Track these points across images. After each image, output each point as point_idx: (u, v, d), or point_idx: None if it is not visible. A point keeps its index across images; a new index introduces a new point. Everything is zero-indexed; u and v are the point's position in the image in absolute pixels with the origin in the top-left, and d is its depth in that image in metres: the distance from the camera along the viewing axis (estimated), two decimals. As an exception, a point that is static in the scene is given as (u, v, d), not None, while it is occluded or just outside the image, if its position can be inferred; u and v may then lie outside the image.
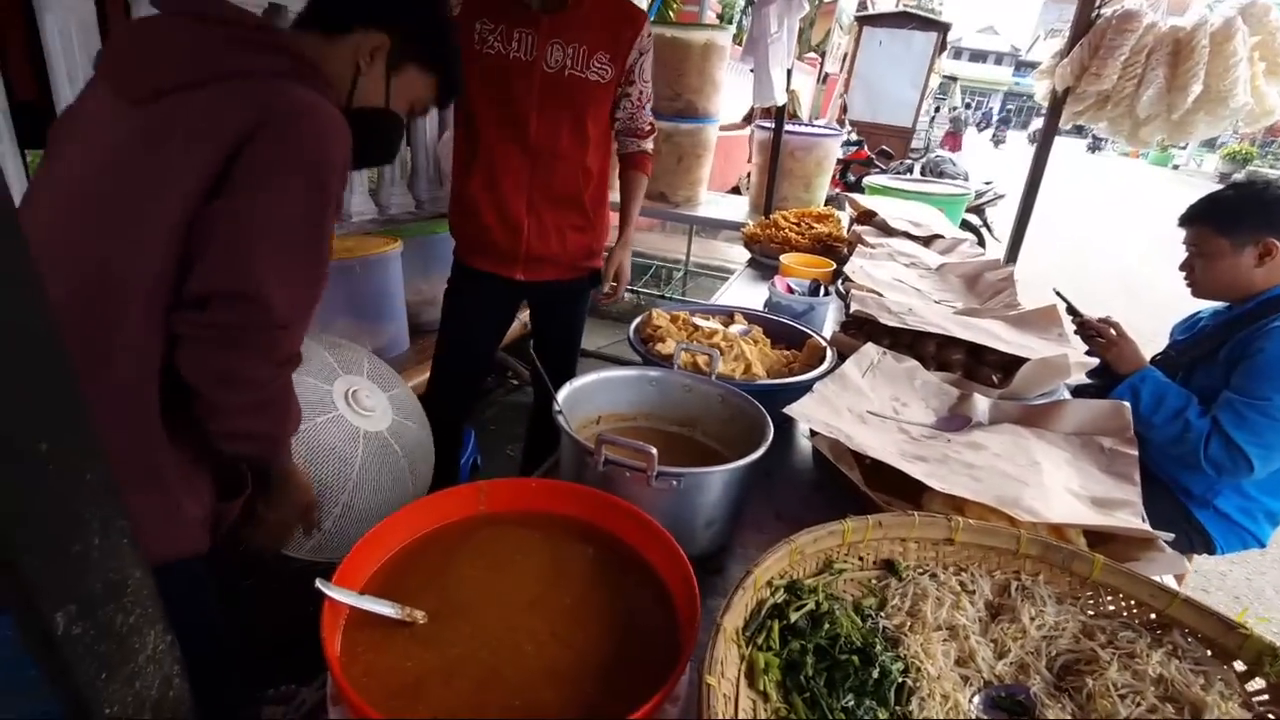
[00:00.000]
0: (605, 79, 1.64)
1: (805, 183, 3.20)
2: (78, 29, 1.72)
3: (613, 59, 1.64)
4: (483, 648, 0.60)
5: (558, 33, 1.59)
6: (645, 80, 1.74)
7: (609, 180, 1.86)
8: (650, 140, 1.85)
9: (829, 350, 1.33)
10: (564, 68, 1.61)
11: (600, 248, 1.89)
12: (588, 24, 1.60)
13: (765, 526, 1.03)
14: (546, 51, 1.60)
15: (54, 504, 0.41)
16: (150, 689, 0.50)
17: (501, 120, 1.65)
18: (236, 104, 0.80)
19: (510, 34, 1.59)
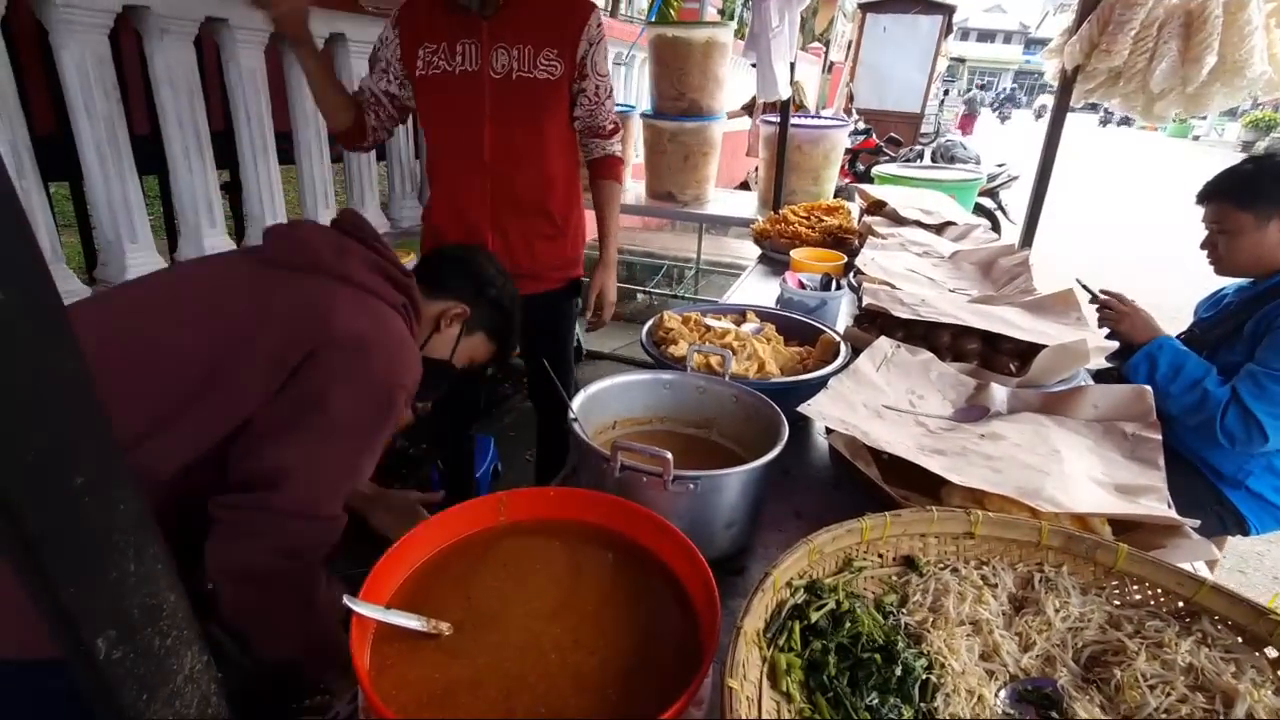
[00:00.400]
0: (555, 75, 1.57)
1: (814, 175, 3.18)
2: (94, 63, 1.77)
3: (560, 54, 1.56)
4: (508, 657, 0.61)
5: (500, 37, 1.53)
6: (601, 74, 1.64)
7: (578, 183, 1.79)
8: (617, 141, 1.76)
9: (842, 345, 1.32)
10: (511, 71, 1.55)
11: (577, 254, 1.82)
12: (530, 22, 1.54)
13: (785, 526, 1.03)
14: (492, 58, 1.54)
15: (90, 533, 0.42)
16: (189, 709, 0.52)
17: (456, 139, 1.61)
18: (347, 310, 0.89)
19: (453, 49, 1.55)
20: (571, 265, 1.81)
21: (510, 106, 1.56)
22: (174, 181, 2.10)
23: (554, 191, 1.68)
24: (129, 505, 0.44)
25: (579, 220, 1.79)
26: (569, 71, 1.59)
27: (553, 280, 1.78)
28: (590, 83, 1.63)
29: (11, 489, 0.38)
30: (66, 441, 0.40)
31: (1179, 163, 16.56)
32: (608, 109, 1.69)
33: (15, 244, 0.35)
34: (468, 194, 1.63)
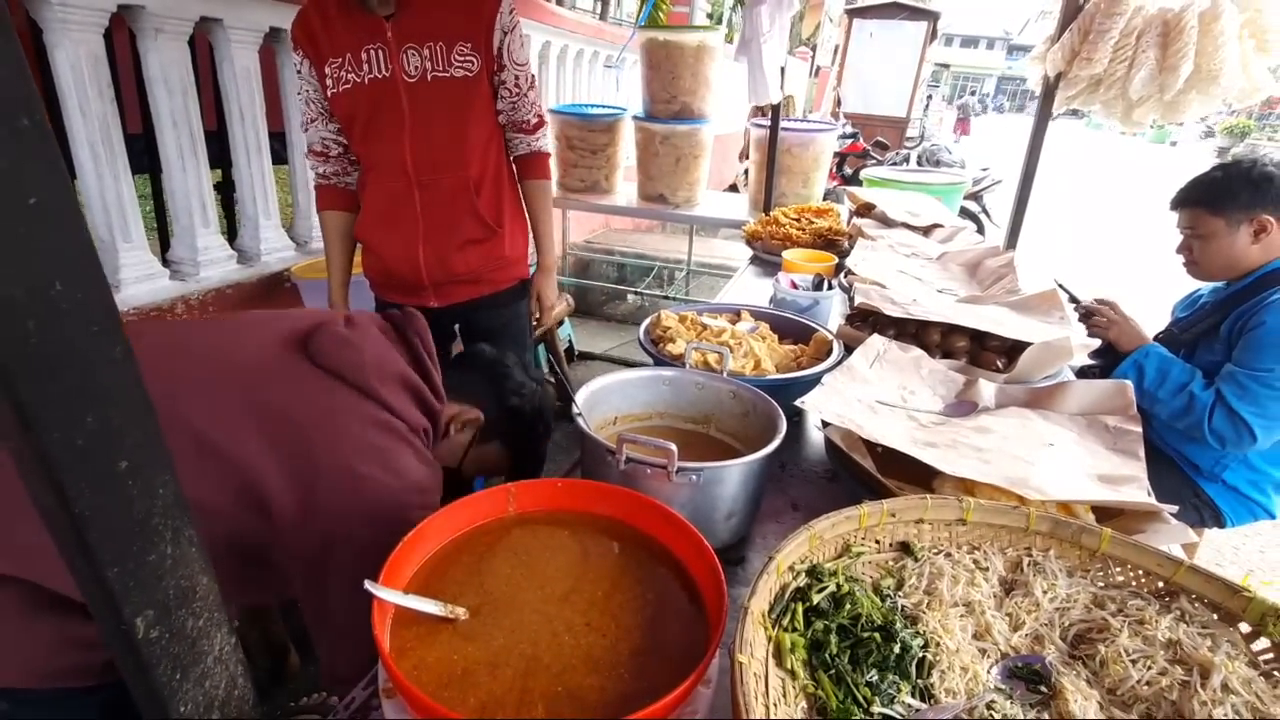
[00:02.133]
0: (474, 70, 1.46)
1: (803, 178, 3.23)
2: (88, 62, 1.77)
3: (475, 46, 1.44)
4: (523, 639, 0.63)
5: (408, 36, 1.42)
6: (519, 63, 1.53)
7: (509, 179, 1.68)
8: (542, 135, 1.66)
9: (835, 343, 1.36)
10: (425, 72, 1.44)
11: (517, 255, 1.72)
12: (438, 16, 1.42)
13: (783, 517, 1.06)
14: (403, 60, 1.43)
15: (132, 516, 0.44)
16: (218, 688, 0.53)
17: (377, 151, 1.51)
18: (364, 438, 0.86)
19: (359, 57, 1.43)
20: (512, 265, 1.72)
21: (429, 111, 1.46)
22: (167, 181, 2.10)
23: (483, 192, 1.58)
24: (167, 490, 0.46)
25: (513, 219, 1.69)
26: (487, 64, 1.48)
27: (495, 282, 1.70)
28: (509, 73, 1.52)
29: (64, 470, 0.39)
30: (114, 426, 0.42)
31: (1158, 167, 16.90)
32: (530, 100, 1.59)
33: (72, 239, 0.37)
34: (397, 206, 1.54)
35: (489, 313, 1.73)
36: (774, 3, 2.55)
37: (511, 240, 1.68)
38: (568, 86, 4.37)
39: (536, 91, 1.61)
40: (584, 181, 3.57)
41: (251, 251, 2.38)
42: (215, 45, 2.16)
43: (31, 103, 0.35)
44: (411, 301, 1.62)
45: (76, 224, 0.38)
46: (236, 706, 0.55)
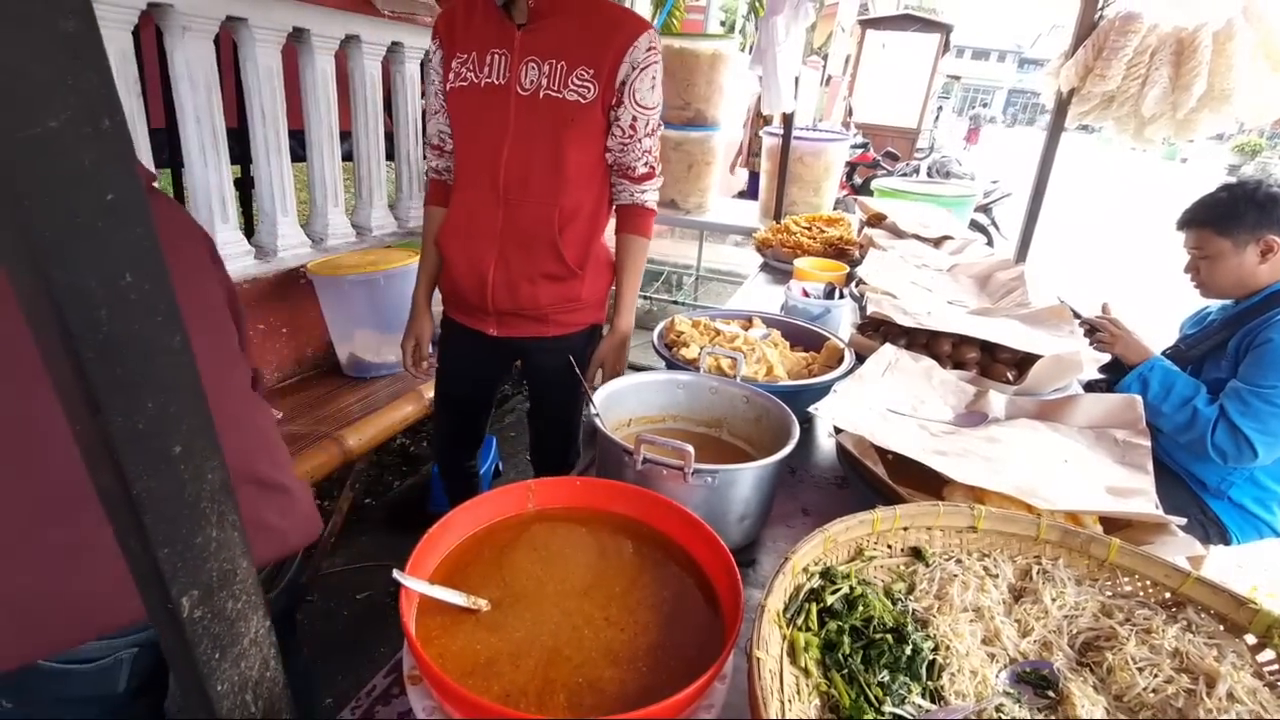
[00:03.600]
0: (587, 98, 1.37)
1: (814, 187, 3.25)
2: (118, 59, 1.80)
3: (596, 74, 1.36)
4: (544, 632, 0.65)
5: (533, 49, 1.36)
6: (643, 105, 1.41)
7: (603, 221, 1.58)
8: (649, 189, 1.52)
9: (847, 351, 1.37)
10: (539, 88, 1.37)
11: (594, 299, 1.59)
12: (570, 36, 1.36)
13: (793, 521, 1.07)
14: (521, 72, 1.37)
15: (183, 499, 0.46)
16: (252, 669, 0.55)
17: (474, 158, 1.46)
18: None
19: (483, 59, 1.39)
20: (586, 310, 1.59)
21: (533, 127, 1.39)
22: (189, 176, 2.13)
23: (570, 228, 1.47)
24: (215, 475, 0.48)
25: (599, 262, 1.57)
26: (604, 95, 1.38)
27: (564, 324, 1.57)
28: (627, 111, 1.41)
29: (124, 453, 0.42)
30: (170, 412, 0.44)
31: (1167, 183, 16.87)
32: (644, 148, 1.46)
33: (142, 234, 0.40)
34: (478, 220, 1.47)
35: (552, 355, 1.57)
36: (790, 13, 2.58)
37: (592, 284, 1.56)
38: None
39: (657, 140, 1.48)
40: (596, 185, 3.60)
41: (269, 247, 2.41)
42: (239, 44, 2.19)
43: (113, 105, 0.37)
44: (472, 324, 1.58)
45: (145, 219, 0.40)
46: (268, 688, 0.57)
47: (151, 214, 0.40)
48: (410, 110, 2.90)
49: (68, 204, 0.36)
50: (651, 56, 1.40)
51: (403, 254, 2.36)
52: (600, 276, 1.59)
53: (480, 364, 1.70)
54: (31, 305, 0.38)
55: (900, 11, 9.32)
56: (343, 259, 2.36)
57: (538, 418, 1.86)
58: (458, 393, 1.79)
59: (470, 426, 1.88)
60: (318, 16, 2.34)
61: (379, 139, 2.78)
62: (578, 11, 1.37)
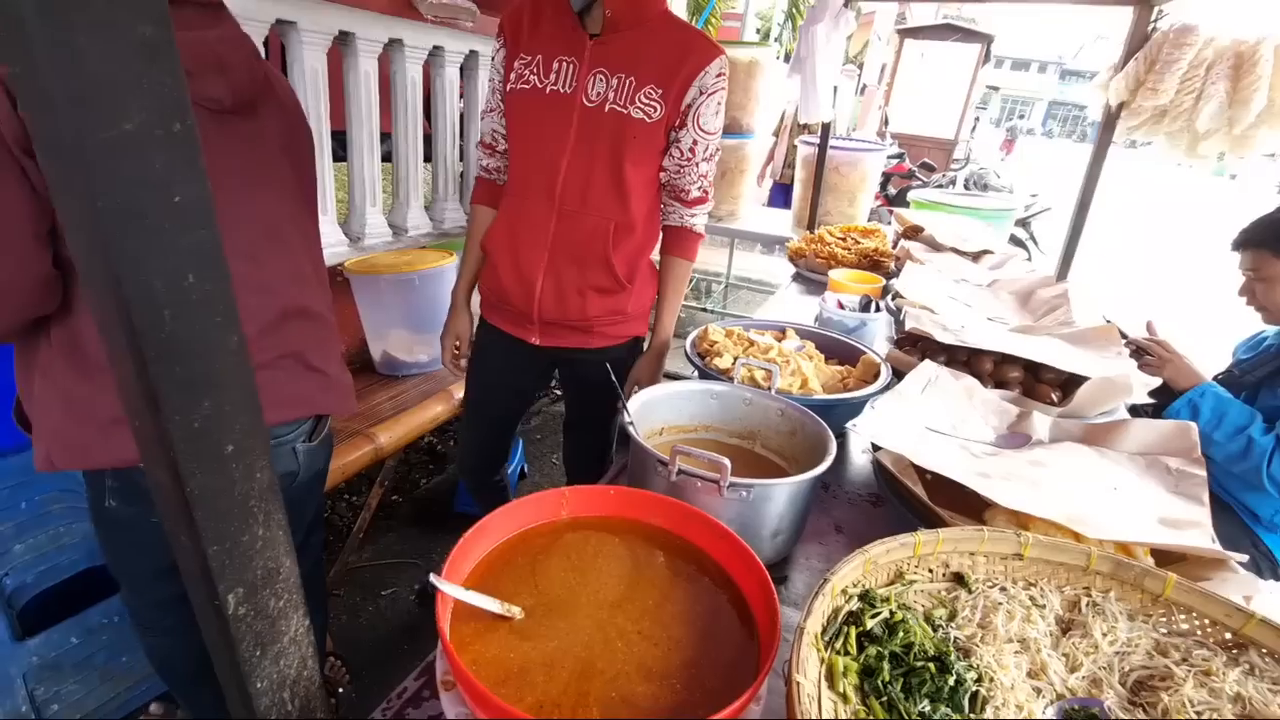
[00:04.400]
0: (653, 117, 1.35)
1: (849, 197, 3.21)
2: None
3: (665, 95, 1.34)
4: (577, 642, 0.64)
5: (603, 61, 1.34)
6: (705, 130, 1.40)
7: (654, 240, 1.58)
8: (700, 213, 1.52)
9: (883, 367, 1.35)
10: (605, 101, 1.35)
11: (639, 311, 1.58)
12: (641, 51, 1.34)
13: (826, 539, 1.05)
14: (588, 83, 1.35)
15: (233, 498, 0.47)
16: (290, 667, 0.56)
17: (531, 164, 1.44)
18: None
19: (549, 64, 1.37)
20: (630, 322, 1.58)
21: (595, 140, 1.37)
22: (235, 174, 2.19)
23: (624, 243, 1.46)
24: (264, 474, 0.48)
25: (646, 277, 1.57)
26: (669, 116, 1.36)
27: (608, 336, 1.56)
28: (688, 134, 1.39)
29: (179, 450, 0.42)
30: (225, 410, 0.44)
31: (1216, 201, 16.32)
32: (700, 172, 1.45)
33: (206, 236, 0.40)
34: (530, 228, 1.46)
35: (592, 366, 1.56)
36: (829, 22, 2.56)
37: (638, 297, 1.55)
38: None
39: (712, 166, 1.48)
40: (628, 191, 3.61)
41: (308, 245, 2.46)
42: (287, 46, 2.25)
43: (184, 108, 0.38)
44: (514, 332, 1.57)
45: (210, 222, 0.41)
46: (305, 686, 0.57)
47: (215, 218, 0.41)
48: (449, 114, 2.94)
49: (138, 205, 0.37)
50: (720, 83, 1.38)
51: (438, 255, 2.40)
52: (646, 290, 1.57)
53: (519, 373, 1.67)
54: (99, 303, 0.39)
55: (940, 21, 9.17)
56: (379, 258, 2.40)
57: (575, 428, 1.83)
58: (493, 404, 1.75)
59: (501, 441, 1.84)
60: (363, 20, 2.39)
61: (418, 141, 2.83)
62: (654, 29, 1.35)
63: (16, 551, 1.37)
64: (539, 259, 1.45)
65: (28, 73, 0.33)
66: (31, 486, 1.36)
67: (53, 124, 0.34)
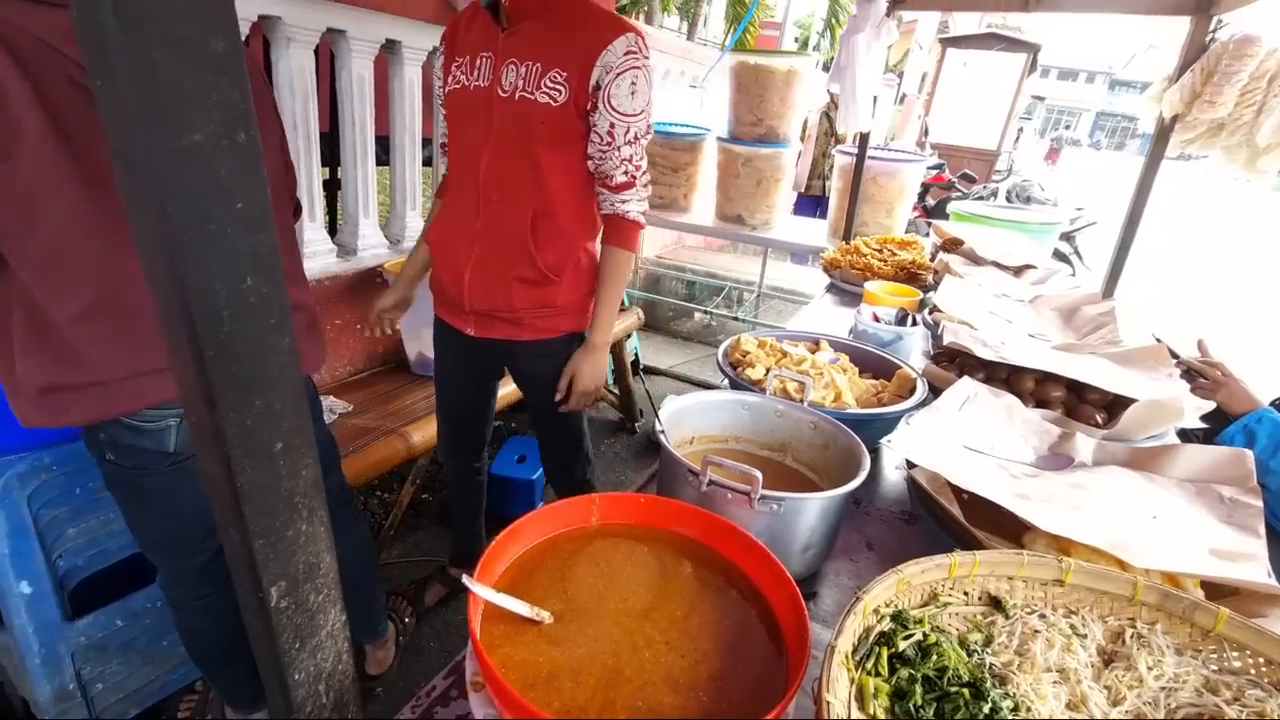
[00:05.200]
0: (558, 100, 1.35)
1: (887, 208, 3.17)
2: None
3: (569, 77, 1.34)
4: (604, 650, 0.64)
5: (513, 52, 1.36)
6: (620, 111, 1.37)
7: (588, 229, 1.56)
8: (631, 199, 1.47)
9: (919, 382, 1.32)
10: (516, 90, 1.36)
11: (571, 306, 1.57)
12: (547, 37, 1.35)
13: (857, 555, 1.04)
14: (502, 74, 1.37)
15: (279, 494, 0.48)
16: (326, 660, 0.57)
17: (460, 159, 1.48)
18: None
19: (474, 63, 1.41)
20: (560, 315, 1.57)
21: (510, 129, 1.39)
22: (283, 177, 2.26)
23: (544, 233, 1.46)
24: (309, 472, 0.50)
25: (576, 267, 1.55)
26: (576, 98, 1.36)
27: (538, 329, 1.56)
28: (603, 118, 1.38)
29: (232, 447, 0.44)
30: (275, 409, 0.46)
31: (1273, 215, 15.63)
32: (622, 155, 1.42)
33: (264, 241, 0.42)
34: (460, 221, 1.50)
35: (531, 359, 1.64)
36: (871, 32, 2.53)
37: (569, 291, 1.54)
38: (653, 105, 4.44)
39: (639, 148, 1.44)
40: (662, 199, 3.62)
41: (350, 246, 2.53)
42: (337, 54, 2.32)
43: (249, 120, 0.39)
44: (454, 323, 1.63)
45: (267, 227, 0.42)
46: (339, 680, 0.58)
47: (273, 223, 0.42)
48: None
49: (203, 211, 0.39)
50: (630, 61, 1.35)
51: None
52: (580, 284, 1.57)
53: (463, 362, 1.74)
54: (164, 303, 0.40)
55: (984, 30, 9.01)
56: (417, 261, 2.44)
57: (538, 425, 1.87)
58: (448, 393, 1.83)
59: (466, 430, 1.91)
60: (409, 29, 2.45)
61: (458, 147, 2.88)
62: (556, 15, 1.36)
63: (69, 535, 1.43)
64: (468, 250, 1.50)
65: (108, 84, 0.35)
66: (84, 474, 1.42)
67: (128, 133, 0.36)
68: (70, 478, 1.40)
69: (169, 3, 0.34)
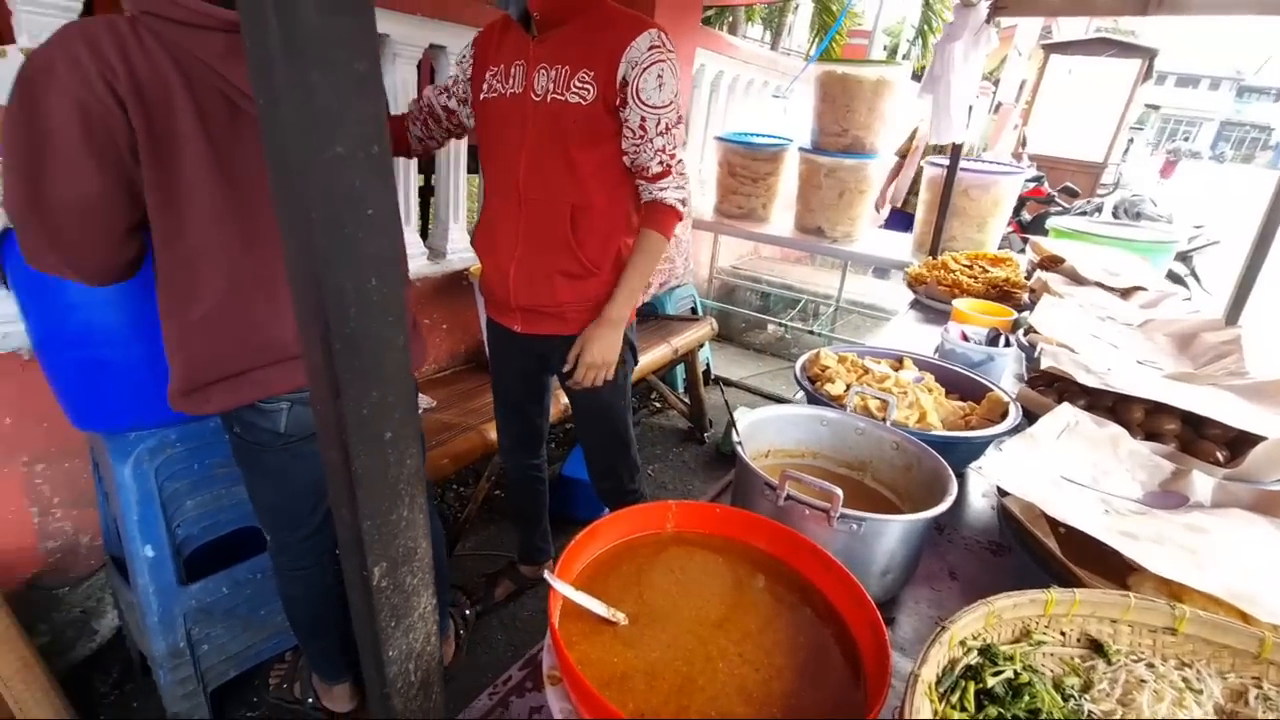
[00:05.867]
0: (587, 99, 1.41)
1: (979, 223, 3.02)
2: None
3: (596, 76, 1.40)
4: (678, 657, 0.65)
5: (544, 57, 1.44)
6: (649, 104, 1.43)
7: (627, 223, 1.61)
8: (668, 186, 1.52)
9: (1012, 406, 1.26)
10: (548, 93, 1.44)
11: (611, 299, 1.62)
12: (575, 41, 1.42)
13: (938, 584, 0.99)
14: (534, 80, 1.45)
15: (387, 479, 0.52)
16: (417, 641, 0.60)
17: (500, 163, 1.54)
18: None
19: (509, 71, 1.48)
20: (600, 310, 1.62)
21: (544, 132, 1.46)
22: (383, 184, 2.41)
23: (584, 227, 1.52)
24: (413, 460, 0.53)
25: (621, 263, 1.61)
26: (605, 95, 1.42)
27: (580, 324, 1.62)
28: (634, 113, 1.44)
29: (350, 434, 0.47)
30: (388, 401, 0.49)
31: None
32: (656, 146, 1.48)
33: (391, 245, 0.45)
34: (503, 220, 1.56)
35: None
36: (969, 39, 2.43)
37: (610, 284, 1.60)
38: (735, 115, 4.44)
39: (672, 138, 1.49)
40: (741, 209, 3.60)
41: (440, 250, 2.66)
42: (437, 69, 2.46)
43: (382, 133, 0.43)
44: (503, 321, 1.71)
45: (393, 232, 0.46)
46: (427, 659, 0.62)
47: (398, 227, 0.46)
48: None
49: (339, 218, 0.42)
50: (655, 55, 1.41)
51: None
52: (615, 279, 1.62)
53: (512, 359, 1.80)
54: (301, 299, 0.44)
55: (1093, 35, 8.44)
56: (501, 265, 2.54)
57: (578, 425, 1.91)
58: (503, 389, 1.90)
59: (523, 426, 1.96)
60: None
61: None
62: (583, 20, 1.43)
63: (187, 507, 1.57)
64: (511, 248, 1.57)
65: (270, 104, 0.39)
66: (204, 451, 1.56)
67: (284, 148, 0.39)
68: (191, 454, 1.54)
69: (325, 31, 0.38)
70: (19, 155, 0.98)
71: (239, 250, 1.13)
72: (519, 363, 1.81)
